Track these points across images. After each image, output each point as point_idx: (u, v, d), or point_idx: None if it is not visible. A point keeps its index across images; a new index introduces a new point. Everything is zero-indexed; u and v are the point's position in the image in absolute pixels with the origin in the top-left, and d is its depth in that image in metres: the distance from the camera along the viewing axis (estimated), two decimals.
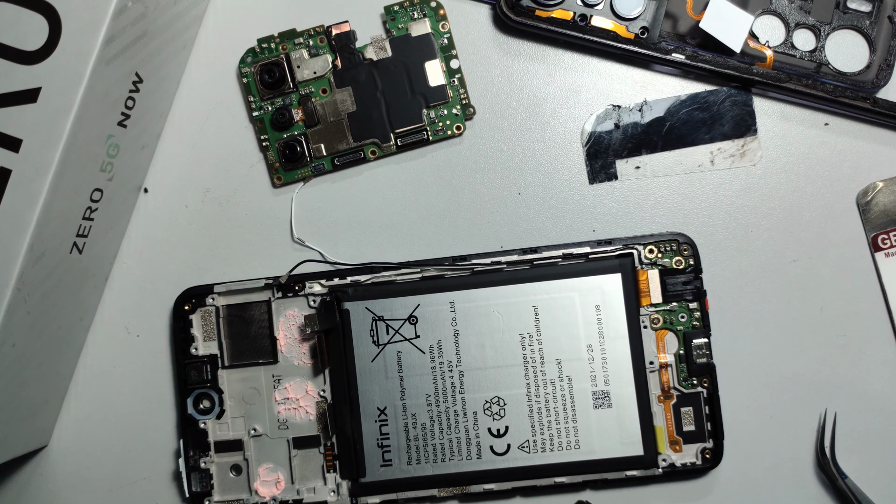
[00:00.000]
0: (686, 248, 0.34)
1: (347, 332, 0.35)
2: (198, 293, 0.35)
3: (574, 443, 0.34)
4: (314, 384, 0.35)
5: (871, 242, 0.36)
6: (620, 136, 0.36)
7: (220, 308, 0.35)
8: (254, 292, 0.35)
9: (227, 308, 0.36)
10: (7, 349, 0.31)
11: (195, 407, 0.35)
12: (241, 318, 0.35)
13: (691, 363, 0.34)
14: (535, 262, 0.34)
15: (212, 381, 0.35)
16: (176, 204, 0.37)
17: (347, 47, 0.36)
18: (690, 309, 0.34)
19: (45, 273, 0.32)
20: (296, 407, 0.35)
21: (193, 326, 0.35)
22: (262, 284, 0.35)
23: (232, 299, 0.35)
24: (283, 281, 0.35)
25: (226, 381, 0.35)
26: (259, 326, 0.35)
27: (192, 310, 0.35)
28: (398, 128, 0.36)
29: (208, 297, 0.35)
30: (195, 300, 0.35)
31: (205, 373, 0.35)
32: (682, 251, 0.34)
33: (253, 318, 0.35)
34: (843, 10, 0.36)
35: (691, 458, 0.34)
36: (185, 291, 0.36)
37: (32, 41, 0.30)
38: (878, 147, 0.36)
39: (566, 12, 0.36)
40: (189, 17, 0.36)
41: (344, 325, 0.35)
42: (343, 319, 0.35)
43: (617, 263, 0.34)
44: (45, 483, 0.37)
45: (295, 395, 0.35)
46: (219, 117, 0.37)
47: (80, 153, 0.31)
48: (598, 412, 0.34)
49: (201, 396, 0.35)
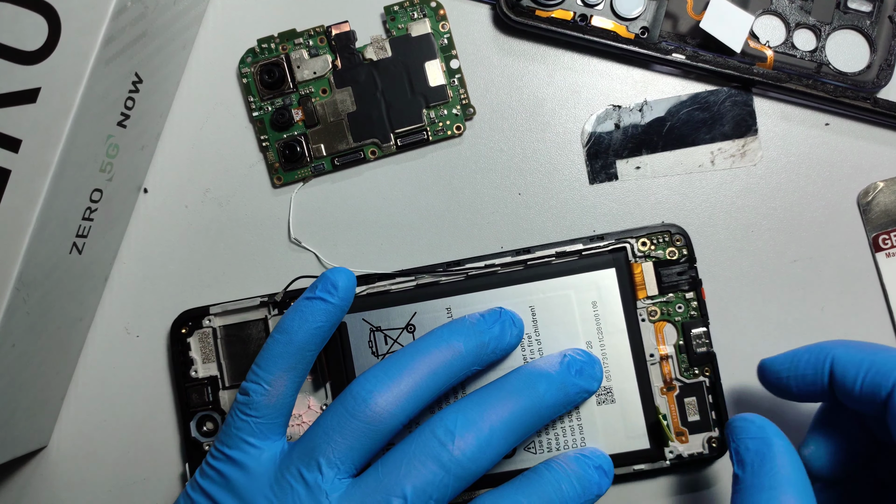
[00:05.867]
0: (679, 238, 0.34)
1: (346, 344, 0.35)
2: (194, 315, 0.35)
3: (580, 440, 0.34)
4: (316, 399, 0.35)
5: (872, 242, 0.35)
6: (621, 136, 0.36)
7: (218, 329, 0.35)
8: (250, 311, 0.35)
9: (224, 329, 0.35)
10: (7, 349, 0.31)
11: (198, 429, 0.35)
12: (238, 337, 0.35)
13: (691, 353, 0.34)
14: (529, 263, 0.34)
15: (213, 402, 0.35)
16: (176, 204, 0.37)
17: (347, 47, 0.36)
18: (687, 299, 0.34)
19: (45, 273, 0.32)
20: (299, 423, 0.35)
21: (192, 349, 0.35)
22: (257, 303, 0.35)
23: (229, 319, 0.35)
24: (278, 298, 0.35)
25: (227, 401, 0.35)
26: (257, 345, 0.35)
27: (190, 333, 0.35)
28: (398, 128, 0.36)
29: (204, 318, 0.35)
30: (192, 323, 0.35)
31: (206, 395, 0.35)
32: (675, 242, 0.34)
33: (251, 337, 0.35)
34: (844, 10, 0.36)
35: (698, 448, 0.34)
36: (181, 315, 0.35)
37: (32, 41, 0.30)
38: (879, 147, 0.36)
39: (566, 12, 0.36)
40: (189, 17, 0.36)
41: (342, 338, 0.35)
42: (341, 332, 0.35)
43: (611, 258, 0.34)
44: (44, 483, 0.37)
45: (297, 411, 0.35)
46: (219, 117, 0.37)
47: (80, 153, 0.31)
48: (601, 408, 0.34)
49: (204, 419, 0.35)
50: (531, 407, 0.30)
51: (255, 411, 0.31)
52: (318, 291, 0.32)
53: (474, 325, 0.32)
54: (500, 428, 0.29)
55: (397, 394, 0.30)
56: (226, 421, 0.32)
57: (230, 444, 0.31)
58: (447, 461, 0.29)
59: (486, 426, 0.29)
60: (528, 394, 0.30)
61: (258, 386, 0.31)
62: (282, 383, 0.31)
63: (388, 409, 0.30)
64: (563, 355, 0.32)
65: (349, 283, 0.32)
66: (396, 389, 0.30)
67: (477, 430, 0.29)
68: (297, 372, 0.31)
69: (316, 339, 0.31)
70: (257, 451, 0.31)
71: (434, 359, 0.31)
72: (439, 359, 0.31)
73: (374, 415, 0.29)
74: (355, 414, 0.30)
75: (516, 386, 0.31)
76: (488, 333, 0.32)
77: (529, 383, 0.31)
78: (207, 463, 0.31)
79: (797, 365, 0.30)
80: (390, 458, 0.29)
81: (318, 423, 0.30)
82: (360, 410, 0.29)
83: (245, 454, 0.31)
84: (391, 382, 0.30)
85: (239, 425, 0.31)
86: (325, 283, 0.32)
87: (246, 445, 0.31)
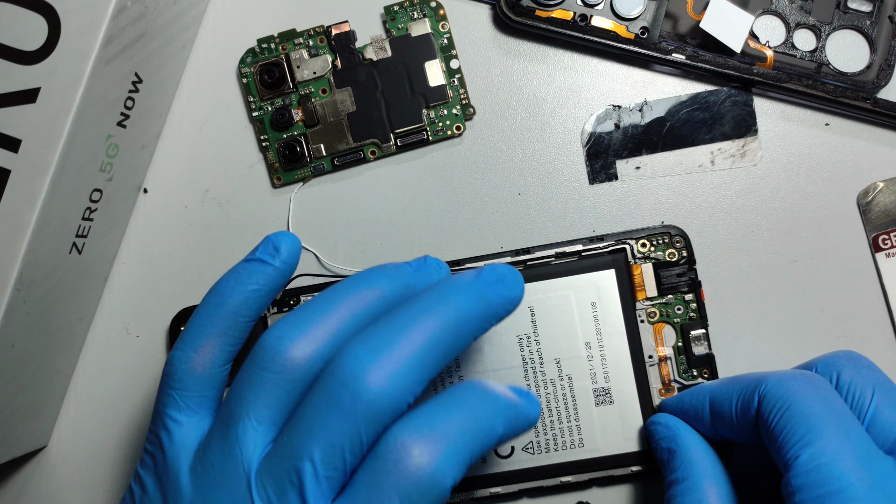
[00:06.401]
0: (678, 240, 0.34)
1: None
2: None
3: (578, 441, 0.34)
4: None
5: (872, 243, 0.35)
6: (620, 136, 0.36)
7: None
8: None
9: None
10: (7, 349, 0.31)
11: None
12: None
13: (690, 355, 0.34)
14: (528, 263, 0.34)
15: None
16: (176, 204, 0.37)
17: (347, 47, 0.36)
18: (686, 301, 0.34)
19: (45, 273, 0.32)
20: None
21: None
22: None
23: None
24: (277, 297, 0.35)
25: None
26: None
27: None
28: (398, 128, 0.36)
29: None
30: None
31: None
32: (675, 243, 0.34)
33: (250, 336, 0.35)
34: (844, 10, 0.36)
35: None
36: (181, 311, 0.35)
37: (32, 41, 0.30)
38: (879, 147, 0.36)
39: (566, 12, 0.36)
40: (189, 17, 0.36)
41: None
42: None
43: (610, 259, 0.34)
44: (45, 483, 0.37)
45: None
46: (219, 117, 0.37)
47: (80, 153, 0.31)
48: (599, 409, 0.34)
49: None
50: (447, 324, 0.26)
51: (179, 383, 0.27)
52: (258, 253, 0.29)
53: (398, 267, 0.28)
54: (415, 354, 0.25)
55: (313, 339, 0.26)
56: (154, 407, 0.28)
57: (156, 422, 0.27)
58: (353, 408, 0.24)
59: (396, 356, 0.25)
60: (441, 309, 0.26)
61: (182, 353, 0.27)
62: (210, 350, 0.27)
63: (303, 356, 0.26)
64: (481, 269, 0.27)
65: (293, 247, 0.29)
66: (312, 335, 0.26)
67: (385, 362, 0.25)
68: (228, 339, 0.28)
69: (251, 303, 0.28)
70: (180, 428, 0.27)
71: (354, 302, 0.27)
72: (360, 302, 0.27)
73: (286, 364, 0.25)
74: (265, 366, 0.26)
75: (427, 303, 0.26)
76: (413, 277, 0.28)
77: (442, 297, 0.26)
78: (144, 448, 0.28)
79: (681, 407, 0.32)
80: (296, 416, 0.25)
81: (232, 387, 0.27)
82: (270, 361, 0.26)
83: (168, 433, 0.27)
84: (305, 328, 0.26)
85: (164, 401, 0.27)
86: (265, 246, 0.29)
87: (170, 422, 0.27)
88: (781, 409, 0.27)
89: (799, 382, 0.28)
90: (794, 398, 0.27)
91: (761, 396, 0.28)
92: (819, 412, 0.27)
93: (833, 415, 0.27)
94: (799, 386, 0.28)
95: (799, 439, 0.26)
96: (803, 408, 0.27)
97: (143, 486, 0.27)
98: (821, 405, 0.27)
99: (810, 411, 0.27)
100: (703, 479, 0.29)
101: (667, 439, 0.31)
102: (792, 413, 0.27)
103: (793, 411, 0.27)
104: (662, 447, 0.31)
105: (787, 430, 0.27)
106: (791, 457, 0.26)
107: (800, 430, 0.26)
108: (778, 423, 0.27)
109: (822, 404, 0.27)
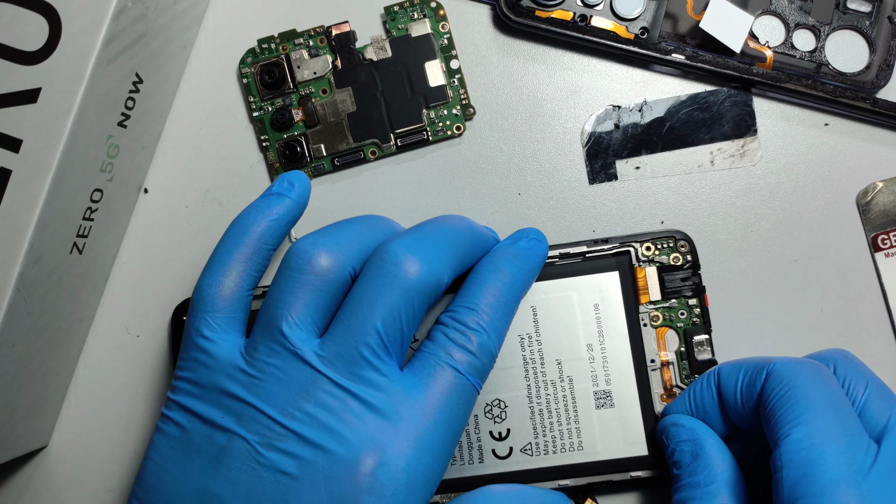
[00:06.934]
0: (683, 244, 0.34)
1: None
2: None
3: (577, 444, 0.34)
4: None
5: (871, 243, 0.36)
6: (620, 136, 0.36)
7: None
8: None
9: None
10: (7, 349, 0.31)
11: None
12: None
13: (693, 360, 0.34)
14: None
15: None
16: (176, 204, 0.37)
17: (347, 48, 0.36)
18: (690, 305, 0.34)
19: (45, 273, 0.32)
20: None
21: None
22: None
23: None
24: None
25: None
26: None
27: None
28: (398, 128, 0.36)
29: None
30: None
31: None
32: (680, 248, 0.34)
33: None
34: (843, 11, 0.36)
35: None
36: (183, 303, 0.35)
37: (32, 41, 0.30)
38: (878, 147, 0.36)
39: (566, 13, 0.36)
40: (189, 17, 0.36)
41: None
42: None
43: (614, 261, 0.34)
44: (45, 483, 0.37)
45: None
46: (219, 117, 0.37)
47: (80, 153, 0.31)
48: (600, 412, 0.34)
49: None
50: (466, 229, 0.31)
51: (210, 306, 0.29)
52: (275, 188, 0.31)
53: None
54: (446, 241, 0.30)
55: (340, 246, 0.29)
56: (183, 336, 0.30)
57: (190, 348, 0.29)
58: (406, 282, 0.28)
59: (431, 244, 0.29)
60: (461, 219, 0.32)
61: (211, 278, 0.29)
62: (236, 275, 0.29)
63: (334, 259, 0.28)
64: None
65: (306, 183, 0.32)
66: (340, 243, 0.29)
67: (423, 248, 0.29)
68: (253, 265, 0.30)
69: (272, 231, 0.30)
70: (217, 347, 0.29)
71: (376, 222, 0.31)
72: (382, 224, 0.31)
73: (321, 266, 0.28)
74: (300, 269, 0.28)
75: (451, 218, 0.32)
76: None
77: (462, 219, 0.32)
78: (175, 377, 0.29)
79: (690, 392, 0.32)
80: (350, 301, 0.28)
81: (267, 296, 0.29)
82: (305, 264, 0.28)
83: (205, 353, 0.28)
84: (333, 236, 0.29)
85: (197, 325, 0.29)
86: (281, 182, 0.31)
87: (206, 342, 0.29)
88: (785, 388, 0.28)
89: (807, 367, 0.29)
90: (798, 380, 0.28)
91: (769, 373, 0.29)
92: (819, 396, 0.28)
93: (832, 400, 0.28)
94: (806, 370, 0.29)
95: (794, 418, 0.27)
96: (806, 391, 0.28)
97: (184, 409, 0.28)
98: (822, 390, 0.28)
99: (811, 394, 0.28)
100: (725, 485, 0.29)
101: (690, 442, 0.31)
102: (793, 394, 0.28)
103: (794, 392, 0.28)
104: (684, 449, 0.31)
105: (785, 408, 0.28)
106: (784, 433, 0.27)
107: (797, 409, 0.27)
108: (778, 401, 0.28)
109: (824, 389, 0.28)
